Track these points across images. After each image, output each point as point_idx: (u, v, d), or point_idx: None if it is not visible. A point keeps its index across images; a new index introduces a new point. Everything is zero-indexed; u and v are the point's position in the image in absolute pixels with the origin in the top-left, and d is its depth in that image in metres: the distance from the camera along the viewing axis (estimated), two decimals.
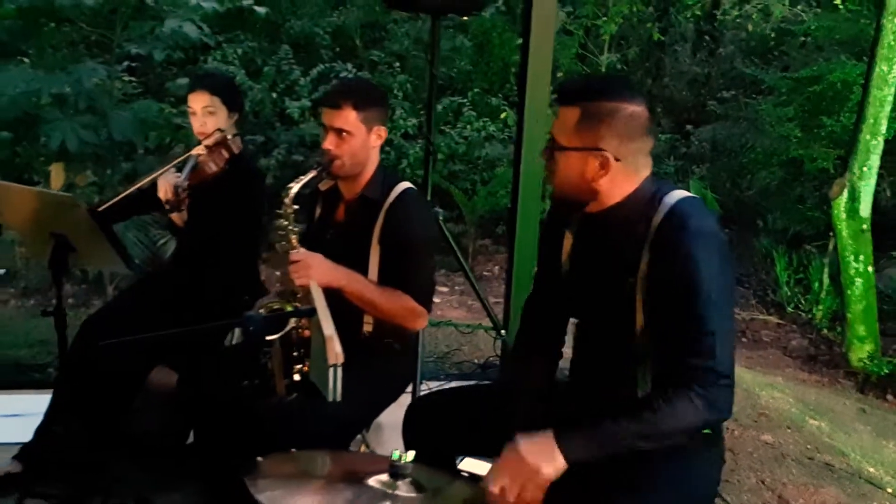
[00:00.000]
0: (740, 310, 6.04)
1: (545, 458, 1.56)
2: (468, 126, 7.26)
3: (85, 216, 2.21)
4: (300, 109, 6.86)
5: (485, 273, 6.77)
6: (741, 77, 8.83)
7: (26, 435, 2.73)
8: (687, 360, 1.58)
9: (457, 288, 6.29)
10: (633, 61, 8.68)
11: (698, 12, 8.82)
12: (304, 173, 2.22)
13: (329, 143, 2.23)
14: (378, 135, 2.29)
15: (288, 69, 7.11)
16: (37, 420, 2.71)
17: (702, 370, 1.56)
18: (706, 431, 1.70)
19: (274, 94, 6.94)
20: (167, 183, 2.55)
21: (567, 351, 2.00)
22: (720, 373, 1.57)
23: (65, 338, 2.40)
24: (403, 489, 1.37)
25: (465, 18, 7.35)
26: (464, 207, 6.85)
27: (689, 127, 8.44)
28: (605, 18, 7.25)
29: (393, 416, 2.55)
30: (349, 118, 2.21)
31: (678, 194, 1.68)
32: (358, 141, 2.24)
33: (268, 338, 2.02)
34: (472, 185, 7.10)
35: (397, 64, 7.72)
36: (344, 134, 2.22)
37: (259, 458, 1.52)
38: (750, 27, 8.55)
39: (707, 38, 9.62)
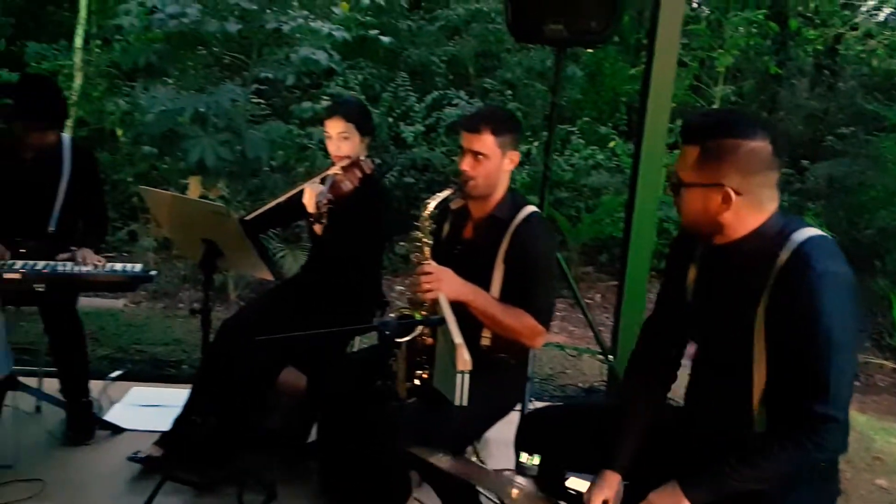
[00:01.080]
0: None
1: None
2: (576, 154, 7.33)
3: (235, 226, 2.42)
4: (413, 134, 7.10)
5: (586, 300, 6.78)
6: (861, 113, 8.52)
7: (162, 424, 2.98)
8: (802, 402, 1.63)
9: (558, 313, 6.30)
10: (748, 94, 8.51)
11: (819, 46, 8.58)
12: (415, 195, 2.36)
13: (466, 164, 2.38)
14: (511, 159, 2.42)
15: (404, 95, 7.38)
16: (172, 411, 2.96)
17: (815, 414, 1.62)
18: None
19: (390, 119, 7.21)
20: (313, 193, 2.76)
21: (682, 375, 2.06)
22: (832, 416, 1.61)
23: (208, 335, 2.64)
24: None
25: (590, 51, 7.42)
26: (567, 234, 6.89)
27: (804, 162, 8.19)
28: (720, 50, 7.17)
29: (501, 432, 2.66)
30: (486, 142, 2.36)
31: (808, 232, 1.70)
32: (493, 164, 2.38)
33: (397, 340, 2.16)
34: (577, 212, 7.14)
35: (509, 92, 7.86)
36: (480, 156, 2.36)
37: None
38: (874, 62, 8.25)
39: (826, 72, 9.34)
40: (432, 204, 2.34)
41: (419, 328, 2.24)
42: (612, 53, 7.98)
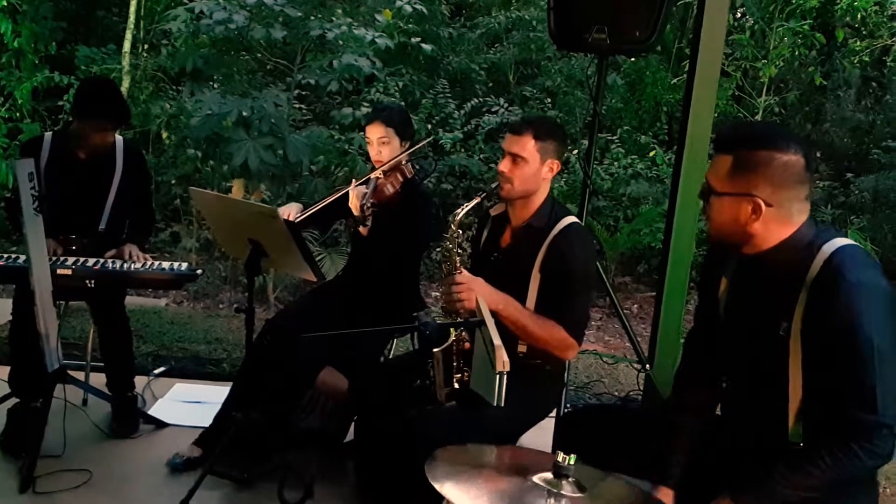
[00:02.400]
0: None
1: None
2: (615, 163, 7.30)
3: (282, 227, 2.46)
4: (452, 141, 7.14)
5: (623, 310, 6.73)
6: None
7: (204, 420, 3.04)
8: (849, 413, 1.63)
9: (593, 323, 6.30)
10: (792, 105, 8.40)
11: (866, 58, 8.44)
12: (452, 201, 2.38)
13: (504, 165, 2.40)
14: (550, 167, 2.43)
15: (444, 102, 7.42)
16: (213, 408, 3.02)
17: (864, 423, 1.62)
18: None
19: (429, 126, 7.26)
20: (358, 194, 2.81)
21: None
22: (883, 424, 1.62)
23: (252, 332, 2.69)
24: (567, 489, 1.49)
25: (633, 59, 7.41)
26: (605, 244, 6.85)
27: (849, 175, 8.07)
28: (764, 61, 7.10)
29: (537, 437, 2.67)
30: (527, 145, 2.37)
31: (838, 242, 1.70)
32: (531, 168, 2.39)
33: (433, 350, 2.17)
34: (615, 221, 7.12)
35: (548, 100, 7.88)
36: (519, 159, 2.38)
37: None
38: None
39: (874, 84, 9.19)
40: (460, 214, 2.36)
41: (453, 335, 2.26)
42: (654, 62, 7.94)
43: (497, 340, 1.84)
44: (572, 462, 1.50)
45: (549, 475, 1.52)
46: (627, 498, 1.61)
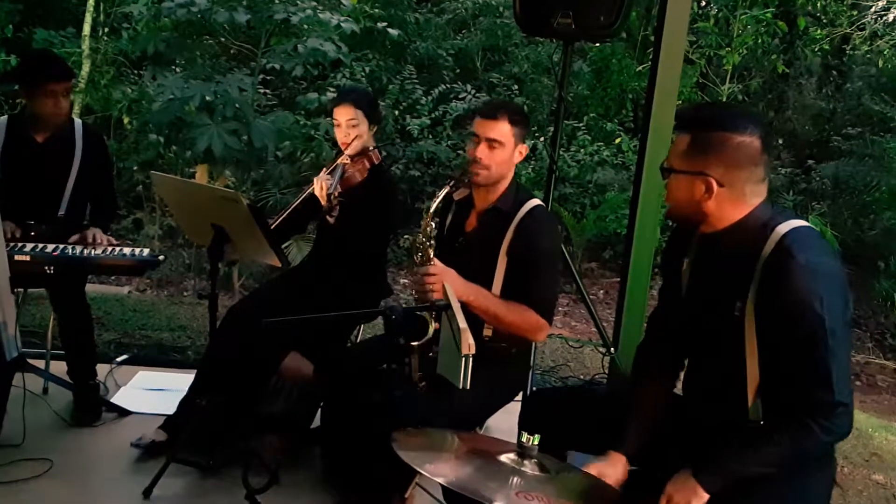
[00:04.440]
0: (855, 352, 5.85)
1: (691, 494, 1.72)
2: (582, 150, 7.34)
3: (245, 212, 2.44)
4: (419, 127, 7.12)
5: (589, 296, 6.80)
6: (868, 114, 8.53)
7: (167, 408, 3.01)
8: (806, 392, 1.67)
9: (561, 309, 6.36)
10: (756, 93, 8.52)
11: (826, 46, 8.58)
12: (420, 188, 2.35)
13: (480, 151, 2.37)
14: (520, 152, 2.44)
15: (411, 88, 7.39)
16: (177, 395, 2.99)
17: (821, 402, 1.65)
18: None
19: (396, 112, 7.22)
20: (324, 184, 2.78)
21: None
22: (841, 402, 1.64)
23: (215, 319, 2.67)
24: (529, 468, 1.51)
25: (596, 45, 7.44)
26: (572, 230, 6.91)
27: (810, 162, 8.21)
28: (728, 49, 7.19)
29: (503, 421, 2.69)
30: (503, 130, 2.36)
31: (792, 224, 1.73)
32: (506, 153, 2.39)
33: (412, 343, 2.15)
34: (582, 208, 7.17)
35: (515, 86, 7.89)
36: (495, 144, 2.37)
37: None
38: (880, 63, 8.26)
39: (834, 72, 9.35)
40: (433, 206, 2.33)
41: (431, 332, 2.24)
42: (620, 50, 7.99)
43: (463, 324, 1.85)
44: (536, 442, 1.51)
45: (513, 455, 1.53)
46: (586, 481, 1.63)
